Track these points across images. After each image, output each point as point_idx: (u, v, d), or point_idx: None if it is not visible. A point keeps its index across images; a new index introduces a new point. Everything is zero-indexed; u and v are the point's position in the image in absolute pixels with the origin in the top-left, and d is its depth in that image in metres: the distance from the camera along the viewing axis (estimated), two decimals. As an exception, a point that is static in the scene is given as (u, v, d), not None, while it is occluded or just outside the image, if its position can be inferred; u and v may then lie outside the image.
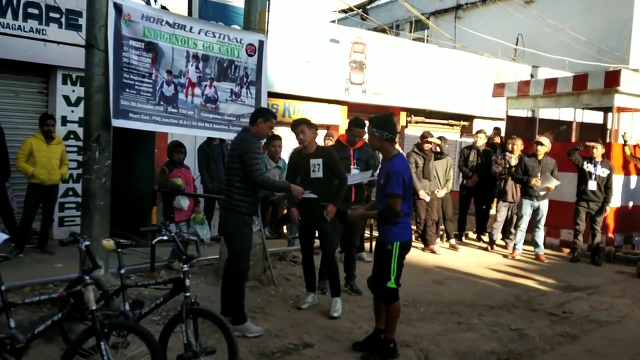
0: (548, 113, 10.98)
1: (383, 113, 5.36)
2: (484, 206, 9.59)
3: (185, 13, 8.53)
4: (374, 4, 23.54)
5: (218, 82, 5.92)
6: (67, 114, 7.92)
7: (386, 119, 4.45)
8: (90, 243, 3.62)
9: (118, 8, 5.06)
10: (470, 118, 13.88)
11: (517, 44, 17.22)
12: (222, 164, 7.83)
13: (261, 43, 6.21)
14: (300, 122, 5.31)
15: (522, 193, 8.48)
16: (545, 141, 8.30)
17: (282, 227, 8.69)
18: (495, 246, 8.97)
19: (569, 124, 11.08)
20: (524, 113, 11.20)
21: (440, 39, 17.12)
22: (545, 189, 8.17)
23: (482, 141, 9.33)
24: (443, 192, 8.47)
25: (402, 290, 4.54)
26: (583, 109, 10.52)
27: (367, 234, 8.03)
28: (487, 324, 5.31)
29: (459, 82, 12.86)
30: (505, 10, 17.54)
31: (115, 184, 5.59)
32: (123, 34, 5.12)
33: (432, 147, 8.31)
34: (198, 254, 4.11)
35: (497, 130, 10.25)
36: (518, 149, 8.77)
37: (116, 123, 5.18)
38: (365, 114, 7.43)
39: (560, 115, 11.21)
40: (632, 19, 16.41)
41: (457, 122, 13.94)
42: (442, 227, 8.97)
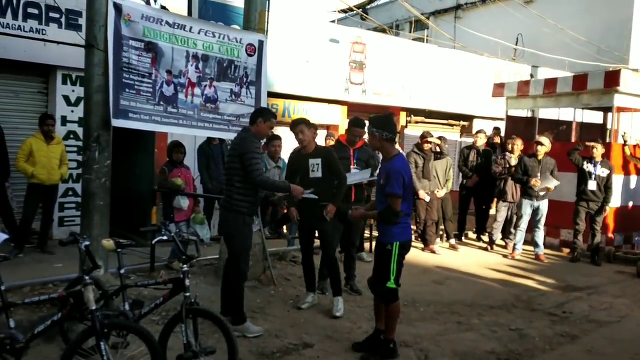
0: (548, 113, 10.98)
1: (383, 113, 5.35)
2: (484, 206, 9.59)
3: (185, 13, 8.53)
4: (374, 4, 23.54)
5: (218, 82, 5.91)
6: (67, 114, 7.93)
7: (386, 119, 4.45)
8: (90, 243, 3.62)
9: (118, 8, 5.05)
10: (470, 118, 13.88)
11: (517, 44, 17.21)
12: (222, 164, 7.83)
13: (261, 43, 6.21)
14: (300, 122, 5.30)
15: (522, 193, 8.48)
16: (545, 141, 8.30)
17: (282, 227, 8.69)
18: (495, 246, 8.97)
19: (569, 124, 11.08)
20: (524, 113, 11.20)
21: (440, 39, 17.12)
22: (545, 190, 8.17)
23: (482, 141, 9.32)
24: (443, 192, 8.47)
25: (402, 291, 4.54)
26: (583, 109, 10.52)
27: (367, 234, 8.03)
28: (487, 324, 5.31)
29: (459, 82, 12.86)
30: (505, 11, 17.54)
31: (115, 184, 5.59)
32: (123, 34, 5.12)
33: (432, 147, 8.31)
34: (198, 254, 4.11)
35: (497, 131, 10.25)
36: (518, 149, 8.77)
37: (116, 123, 5.18)
38: (365, 114, 7.42)
39: (560, 116, 11.20)
40: (632, 19, 16.41)
41: (457, 122, 13.94)
42: (442, 227, 8.97)
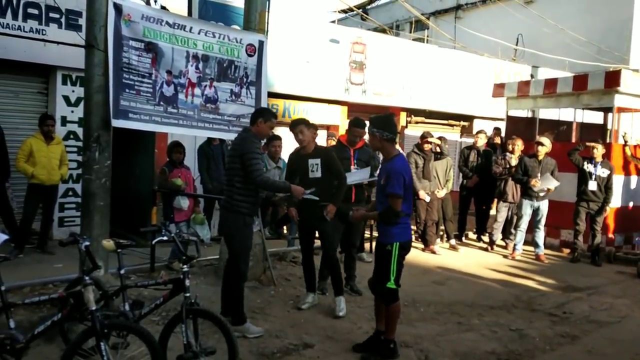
0: (548, 113, 10.97)
1: (383, 113, 5.35)
2: (484, 206, 9.58)
3: (185, 13, 8.53)
4: (374, 4, 23.54)
5: (218, 82, 5.91)
6: (67, 114, 7.93)
7: (387, 119, 4.45)
8: (90, 243, 3.62)
9: (118, 8, 5.05)
10: (470, 118, 13.88)
11: (517, 44, 17.21)
12: (222, 165, 7.83)
13: (261, 43, 6.21)
14: (299, 122, 5.30)
15: (522, 193, 8.47)
16: (545, 141, 8.29)
17: (282, 228, 8.70)
18: (495, 246, 8.97)
19: (569, 124, 11.08)
20: (524, 113, 11.19)
21: (440, 39, 17.12)
22: (545, 190, 8.16)
23: (482, 141, 9.31)
24: (443, 193, 8.47)
25: (402, 291, 4.54)
26: (583, 109, 10.51)
27: (367, 234, 8.03)
28: (487, 325, 5.31)
29: (459, 83, 12.85)
30: (505, 11, 17.54)
31: (115, 184, 5.58)
32: (123, 34, 5.11)
33: (432, 147, 8.31)
34: (198, 255, 4.11)
35: (497, 131, 10.25)
36: (518, 149, 8.76)
37: (116, 123, 5.17)
38: (366, 114, 7.43)
39: (560, 116, 11.20)
40: (632, 19, 16.41)
41: (457, 123, 13.94)
42: (442, 228, 8.96)
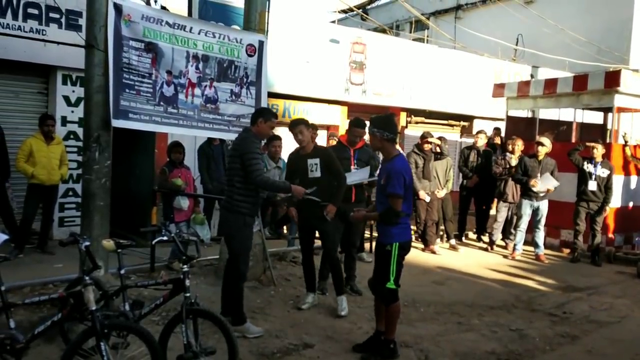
0: (548, 113, 10.97)
1: (384, 113, 5.35)
2: (484, 206, 9.58)
3: (185, 13, 8.53)
4: (374, 4, 23.53)
5: (218, 82, 5.91)
6: (67, 114, 7.93)
7: (387, 119, 4.45)
8: (90, 243, 3.62)
9: (118, 8, 5.05)
10: (470, 118, 13.88)
11: (517, 44, 17.21)
12: (223, 165, 7.84)
13: (261, 43, 6.21)
14: (299, 122, 5.30)
15: (521, 193, 8.48)
16: (546, 142, 8.29)
17: (282, 228, 8.69)
18: (495, 246, 8.97)
19: (569, 124, 11.08)
20: (524, 113, 11.19)
21: (440, 39, 17.12)
22: (545, 191, 8.16)
23: (482, 141, 9.31)
24: (443, 193, 8.47)
25: (402, 291, 4.54)
26: (583, 109, 10.52)
27: (367, 234, 8.03)
28: (487, 325, 5.31)
29: (459, 83, 12.85)
30: (505, 11, 17.54)
31: (115, 184, 5.58)
32: (123, 34, 5.11)
33: (432, 147, 8.31)
34: (198, 255, 4.10)
35: (498, 131, 10.25)
36: (519, 149, 8.76)
37: (116, 123, 5.17)
38: (366, 114, 7.43)
39: (560, 116, 11.20)
40: (632, 19, 16.41)
41: (457, 123, 13.94)
42: (442, 228, 8.96)
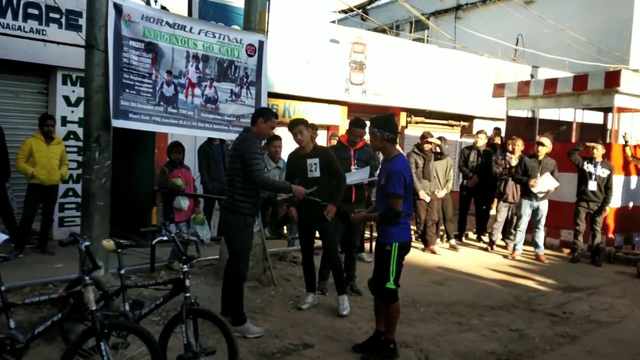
0: (548, 113, 10.97)
1: (384, 113, 5.35)
2: (484, 207, 9.58)
3: (185, 13, 8.53)
4: (374, 4, 23.53)
5: (218, 82, 5.91)
6: (67, 114, 7.93)
7: (387, 119, 4.46)
8: (90, 243, 3.62)
9: (118, 8, 5.05)
10: (470, 118, 13.88)
11: (517, 44, 17.21)
12: (223, 165, 7.84)
13: (261, 43, 6.21)
14: (298, 122, 5.30)
15: (521, 193, 8.48)
16: (546, 142, 8.29)
17: (282, 228, 8.69)
18: (495, 247, 8.97)
19: (569, 124, 11.08)
20: (524, 113, 11.19)
21: (440, 39, 17.12)
22: (545, 192, 8.16)
23: (482, 141, 9.31)
24: (443, 193, 8.47)
25: (402, 291, 4.54)
26: (583, 109, 10.51)
27: (367, 234, 8.03)
28: (487, 325, 5.31)
29: (459, 83, 12.85)
30: (505, 11, 17.54)
31: (115, 184, 5.58)
32: (123, 34, 5.11)
33: (432, 147, 8.31)
34: (198, 255, 4.10)
35: (498, 131, 10.25)
36: (519, 149, 8.76)
37: (116, 123, 5.17)
38: (366, 114, 7.43)
39: (560, 116, 11.20)
40: (632, 20, 16.41)
41: (457, 123, 13.94)
42: (442, 228, 8.96)
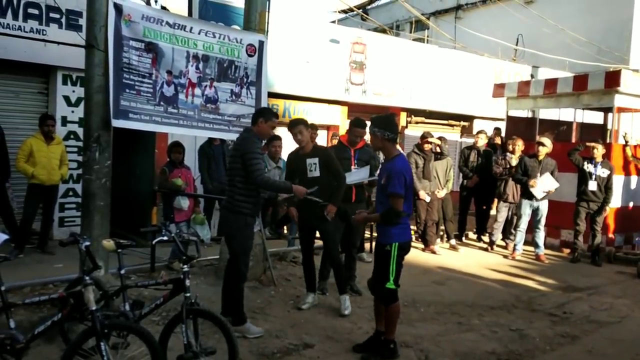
0: (548, 113, 10.97)
1: (384, 113, 5.35)
2: (484, 207, 9.58)
3: (185, 13, 8.53)
4: (374, 4, 23.53)
5: (218, 82, 5.91)
6: (67, 114, 7.92)
7: (388, 119, 4.46)
8: (90, 243, 3.62)
9: (118, 8, 5.05)
10: (470, 118, 13.88)
11: (517, 44, 17.21)
12: (223, 165, 7.84)
13: (261, 43, 6.21)
14: (298, 122, 5.30)
15: (521, 193, 8.48)
16: (547, 142, 8.29)
17: (282, 228, 8.69)
18: (495, 247, 8.97)
19: (569, 124, 11.08)
20: (524, 113, 11.19)
21: (440, 39, 17.11)
22: (545, 193, 8.15)
23: (482, 141, 9.31)
24: (443, 193, 8.47)
25: (402, 291, 4.54)
26: (583, 109, 10.51)
27: (367, 234, 8.02)
28: (487, 325, 5.31)
29: (459, 83, 12.85)
30: (505, 11, 17.54)
31: (116, 184, 5.58)
32: (123, 34, 5.11)
33: (432, 147, 8.31)
34: (198, 255, 4.10)
35: (498, 131, 10.25)
36: (519, 149, 8.77)
37: (116, 123, 5.17)
38: (366, 114, 7.43)
39: (561, 116, 11.20)
40: (632, 20, 16.41)
41: (457, 123, 13.94)
42: (442, 228, 8.96)
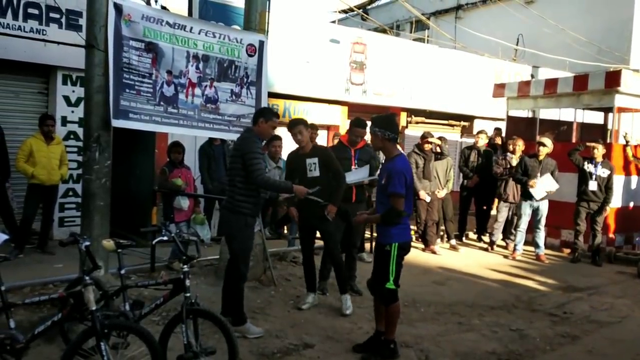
0: (548, 113, 10.97)
1: (385, 113, 5.35)
2: (485, 207, 9.58)
3: (185, 13, 8.53)
4: (374, 4, 23.52)
5: (218, 82, 5.91)
6: (67, 114, 7.92)
7: (388, 119, 4.46)
8: (90, 243, 3.62)
9: (118, 8, 5.05)
10: (470, 118, 13.88)
11: (517, 44, 17.20)
12: (223, 165, 7.84)
13: (261, 43, 6.21)
14: (297, 122, 5.30)
15: (521, 193, 8.47)
16: (547, 142, 8.28)
17: (283, 228, 8.69)
18: (495, 247, 8.97)
19: (569, 124, 11.08)
20: (525, 113, 11.19)
21: (440, 39, 17.11)
22: (545, 194, 8.15)
23: (483, 141, 9.31)
24: (443, 193, 8.47)
25: (402, 291, 4.54)
26: (583, 109, 10.52)
27: (367, 234, 8.02)
28: (487, 325, 5.30)
29: (459, 83, 12.85)
30: (505, 11, 17.54)
31: (115, 184, 5.58)
32: (123, 34, 5.11)
33: (432, 147, 8.31)
34: (198, 255, 4.10)
35: (498, 131, 10.24)
36: (519, 149, 8.76)
37: (116, 123, 5.17)
38: (366, 114, 7.42)
39: (561, 116, 11.20)
40: (632, 20, 16.41)
41: (458, 123, 13.94)
42: (443, 228, 8.96)
